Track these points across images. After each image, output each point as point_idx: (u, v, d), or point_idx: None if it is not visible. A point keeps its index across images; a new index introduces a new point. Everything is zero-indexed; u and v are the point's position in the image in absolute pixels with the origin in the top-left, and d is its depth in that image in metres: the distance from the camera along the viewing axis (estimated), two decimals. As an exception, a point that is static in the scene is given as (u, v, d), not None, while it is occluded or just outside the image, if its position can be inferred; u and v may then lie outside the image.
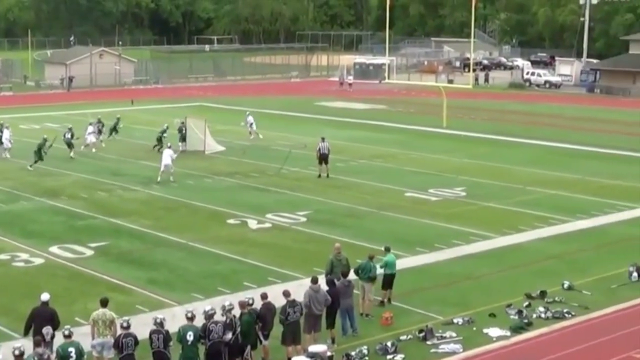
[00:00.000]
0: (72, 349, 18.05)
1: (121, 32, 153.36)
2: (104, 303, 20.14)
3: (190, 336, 18.95)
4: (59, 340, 18.82)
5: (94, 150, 50.63)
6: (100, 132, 53.20)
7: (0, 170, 44.69)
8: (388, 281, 24.89)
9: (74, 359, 18.01)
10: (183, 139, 51.31)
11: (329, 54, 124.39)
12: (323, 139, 43.86)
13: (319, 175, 43.44)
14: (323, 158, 43.48)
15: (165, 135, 50.58)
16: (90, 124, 51.30)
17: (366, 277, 23.99)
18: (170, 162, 42.34)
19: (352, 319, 22.63)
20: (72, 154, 48.54)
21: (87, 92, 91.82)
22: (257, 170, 45.49)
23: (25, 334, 19.28)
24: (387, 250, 25.18)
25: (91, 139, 51.09)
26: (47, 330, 19.00)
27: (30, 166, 45.17)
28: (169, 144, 45.08)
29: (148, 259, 29.62)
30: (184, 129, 51.58)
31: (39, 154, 45.35)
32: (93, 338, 19.69)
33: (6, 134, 50.28)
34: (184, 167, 45.50)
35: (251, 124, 56.52)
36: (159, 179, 41.93)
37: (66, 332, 18.41)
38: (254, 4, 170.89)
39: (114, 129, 55.19)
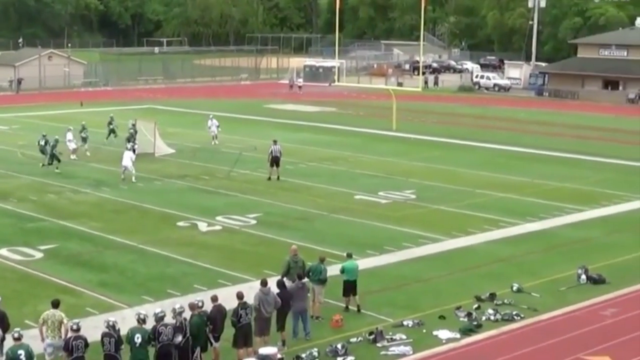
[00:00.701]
0: (21, 352, 17.94)
1: (70, 34, 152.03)
2: (55, 304, 20.09)
3: (138, 338, 18.92)
4: (8, 342, 18.70)
5: (73, 157, 48.74)
6: (84, 139, 51.50)
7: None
8: (348, 288, 24.60)
9: (23, 361, 17.96)
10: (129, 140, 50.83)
11: (279, 56, 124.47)
12: (275, 142, 43.91)
13: (269, 178, 43.49)
14: (275, 161, 43.52)
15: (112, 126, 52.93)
16: (69, 130, 49.53)
17: (316, 279, 24.03)
18: (130, 164, 42.28)
19: (305, 321, 22.68)
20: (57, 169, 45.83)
21: (37, 94, 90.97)
22: (207, 172, 45.42)
23: None
24: (349, 256, 25.13)
25: (72, 145, 49.08)
26: None
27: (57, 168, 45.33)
28: (128, 145, 44.81)
29: (98, 262, 29.48)
30: (133, 130, 51.13)
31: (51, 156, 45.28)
32: (42, 339, 19.61)
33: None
34: (134, 169, 45.28)
35: (217, 126, 56.14)
36: (122, 176, 42.45)
37: (16, 335, 18.30)
38: (203, 6, 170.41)
39: (112, 131, 54.49)
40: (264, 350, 19.72)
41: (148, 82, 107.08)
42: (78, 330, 18.77)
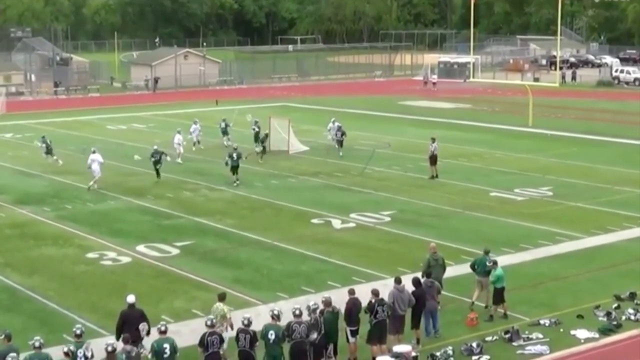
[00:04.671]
0: (167, 345, 18.29)
1: (205, 34, 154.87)
2: (221, 298, 20.70)
3: (271, 335, 18.99)
4: (153, 336, 19.04)
5: (179, 161, 48.23)
6: (224, 132, 53.24)
7: (85, 170, 45.24)
8: (499, 295, 23.85)
9: (168, 355, 18.26)
10: (256, 139, 51.22)
11: (413, 53, 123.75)
12: (433, 140, 43.35)
13: (431, 177, 43.02)
14: (433, 159, 43.07)
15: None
16: (179, 131, 49.49)
17: (483, 272, 24.04)
18: (98, 168, 41.32)
19: (435, 319, 22.42)
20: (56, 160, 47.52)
21: (172, 93, 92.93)
22: (340, 170, 45.45)
23: (118, 337, 19.34)
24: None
25: (180, 149, 48.56)
26: (143, 326, 19.31)
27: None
28: (93, 149, 43.02)
29: (233, 258, 29.81)
30: (257, 129, 51.47)
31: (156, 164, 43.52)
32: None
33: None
34: (268, 167, 45.78)
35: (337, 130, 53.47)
36: (92, 183, 41.24)
37: (162, 328, 18.66)
38: (336, 4, 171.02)
39: (225, 131, 55.22)
40: (398, 348, 19.56)
41: (282, 80, 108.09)
42: (213, 326, 18.94)
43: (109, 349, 17.31)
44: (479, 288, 24.29)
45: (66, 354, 17.53)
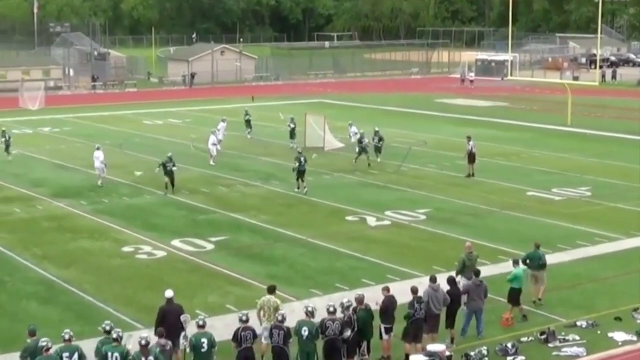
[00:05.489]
0: (204, 340, 18.31)
1: (242, 30, 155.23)
2: (271, 290, 20.67)
3: (305, 331, 18.91)
4: (191, 330, 19.00)
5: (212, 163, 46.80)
6: (292, 133, 51.84)
7: (124, 165, 45.57)
8: (514, 295, 23.44)
9: (206, 349, 18.26)
10: (292, 136, 51.29)
11: (450, 50, 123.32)
12: (469, 138, 43.07)
13: (468, 175, 42.78)
14: (471, 157, 42.84)
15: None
16: (214, 132, 48.33)
17: (537, 265, 24.24)
18: (102, 166, 40.94)
19: (479, 321, 22.19)
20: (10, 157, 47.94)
21: (209, 89, 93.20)
22: (376, 167, 45.28)
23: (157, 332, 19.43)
24: (516, 263, 24.42)
25: (214, 151, 47.15)
26: (185, 317, 19.27)
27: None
28: (97, 146, 42.79)
29: (268, 254, 29.78)
30: (293, 125, 51.47)
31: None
32: (261, 323, 19.98)
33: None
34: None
35: (355, 134, 51.27)
36: (99, 183, 40.89)
37: (200, 322, 18.67)
38: (374, 1, 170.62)
39: (248, 124, 55.34)
40: (433, 347, 19.42)
41: (318, 76, 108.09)
42: (247, 321, 18.90)
43: (143, 342, 17.33)
44: (533, 283, 24.34)
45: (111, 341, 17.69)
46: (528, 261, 24.37)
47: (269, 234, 32.54)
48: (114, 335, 17.83)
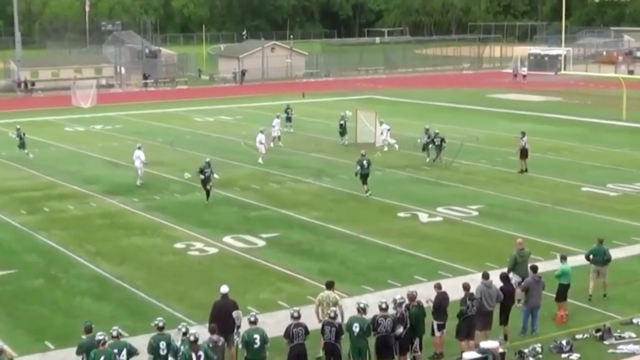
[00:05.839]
0: (257, 336, 18.33)
1: (292, 26, 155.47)
2: (329, 285, 20.67)
3: (356, 327, 18.84)
4: (244, 326, 19.06)
5: (261, 161, 46.16)
6: (343, 131, 51.61)
7: (174, 162, 45.82)
8: (562, 291, 23.16)
9: (259, 346, 18.28)
10: (343, 133, 51.11)
11: (502, 45, 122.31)
12: (523, 134, 42.65)
13: (521, 171, 42.38)
14: (524, 153, 42.44)
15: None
16: (262, 131, 47.03)
17: (601, 260, 24.18)
18: (141, 165, 40.81)
19: (535, 317, 21.99)
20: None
21: (259, 86, 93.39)
22: (428, 163, 45.00)
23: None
24: (564, 258, 24.04)
25: (262, 149, 46.16)
26: (237, 313, 19.35)
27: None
28: (138, 145, 42.34)
29: (319, 251, 29.72)
30: (345, 122, 51.31)
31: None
32: (319, 320, 19.91)
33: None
34: (355, 159, 45.52)
35: (388, 130, 50.55)
36: (138, 182, 40.62)
37: (252, 319, 18.66)
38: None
39: (288, 119, 55.49)
40: (486, 344, 19.24)
41: (369, 72, 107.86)
42: (298, 317, 18.85)
43: (192, 338, 17.34)
44: (594, 278, 24.20)
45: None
46: (591, 257, 24.21)
47: (320, 230, 32.48)
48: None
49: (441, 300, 20.45)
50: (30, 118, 65.99)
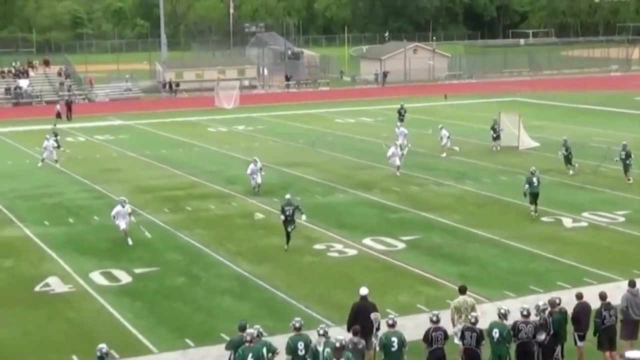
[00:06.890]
0: (395, 339, 18.19)
1: (435, 28, 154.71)
2: (462, 290, 20.44)
3: (496, 333, 18.49)
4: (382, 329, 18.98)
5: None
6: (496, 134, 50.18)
7: (316, 163, 46.06)
8: None
9: (396, 349, 18.13)
10: (496, 137, 50.15)
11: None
12: None
13: None
14: None
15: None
16: (393, 144, 45.19)
17: None
18: (257, 175, 39.40)
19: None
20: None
21: (401, 87, 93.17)
22: (571, 176, 43.86)
23: (349, 329, 19.36)
24: None
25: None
26: (375, 316, 19.29)
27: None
28: (254, 158, 40.38)
29: (459, 254, 29.33)
30: (497, 127, 50.45)
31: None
32: (454, 325, 19.74)
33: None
34: (497, 163, 44.93)
35: (448, 137, 48.90)
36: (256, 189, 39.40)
37: (390, 321, 18.54)
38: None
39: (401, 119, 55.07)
40: (631, 354, 18.48)
41: (513, 74, 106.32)
42: (438, 321, 18.62)
43: (337, 345, 17.11)
44: None
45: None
46: None
47: (461, 233, 32.08)
48: (296, 325, 18.10)
49: (580, 311, 19.79)
50: (174, 118, 67.61)
